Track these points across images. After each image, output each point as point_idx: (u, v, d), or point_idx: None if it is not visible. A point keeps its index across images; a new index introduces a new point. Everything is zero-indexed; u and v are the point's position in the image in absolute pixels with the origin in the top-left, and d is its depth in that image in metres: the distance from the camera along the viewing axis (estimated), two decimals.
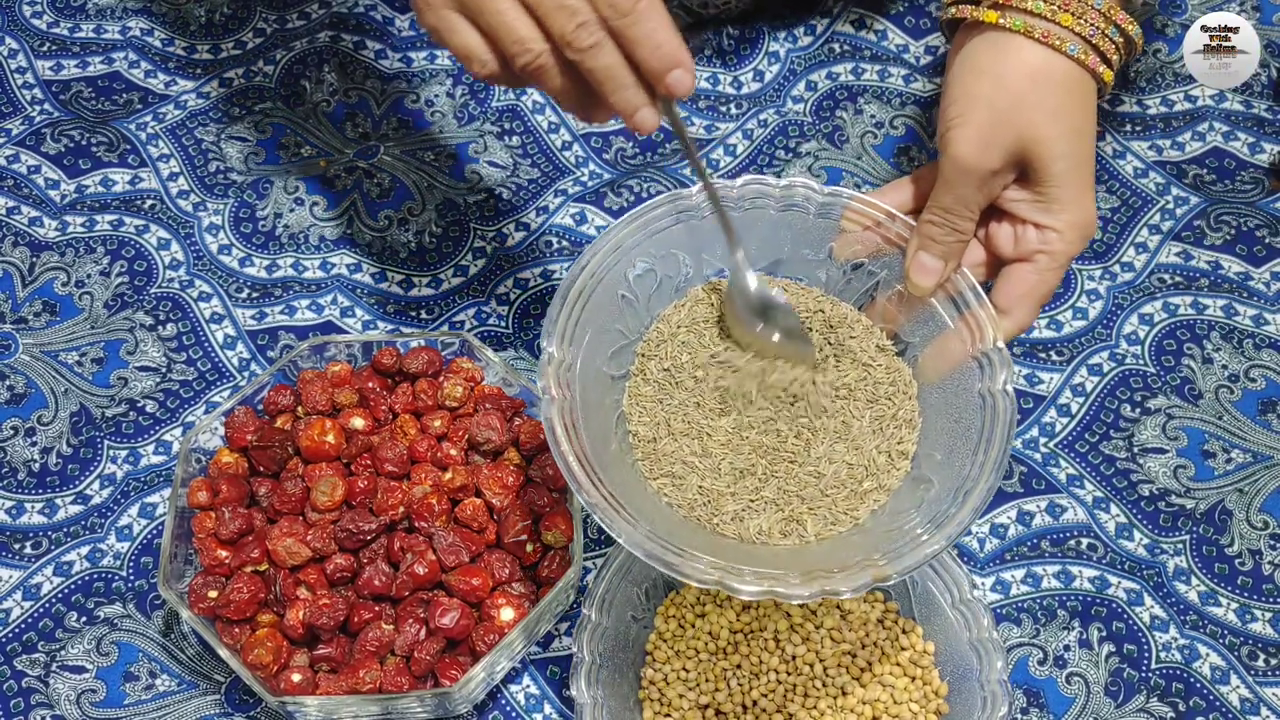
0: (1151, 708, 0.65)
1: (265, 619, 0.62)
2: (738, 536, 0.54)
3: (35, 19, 0.92)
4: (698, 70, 0.90)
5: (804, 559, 0.52)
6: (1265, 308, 0.78)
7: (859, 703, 0.61)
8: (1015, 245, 0.57)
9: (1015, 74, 0.54)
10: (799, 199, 0.60)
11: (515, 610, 0.62)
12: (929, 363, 0.58)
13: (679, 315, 0.60)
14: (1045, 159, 0.54)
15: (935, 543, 0.50)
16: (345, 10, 0.92)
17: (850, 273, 0.61)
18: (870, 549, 0.51)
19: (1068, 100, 0.55)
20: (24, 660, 0.66)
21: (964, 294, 0.57)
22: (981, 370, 0.55)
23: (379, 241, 0.82)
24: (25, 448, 0.73)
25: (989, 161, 0.54)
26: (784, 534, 0.54)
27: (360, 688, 0.59)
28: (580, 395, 0.54)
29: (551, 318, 0.55)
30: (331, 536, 0.63)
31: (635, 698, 0.63)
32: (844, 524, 0.54)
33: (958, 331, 0.57)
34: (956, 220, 0.56)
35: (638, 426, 0.57)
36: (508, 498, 0.65)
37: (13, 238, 0.82)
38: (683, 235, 0.60)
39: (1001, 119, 0.54)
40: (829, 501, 0.55)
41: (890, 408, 0.57)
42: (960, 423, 0.55)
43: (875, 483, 0.55)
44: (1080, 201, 0.56)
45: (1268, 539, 0.70)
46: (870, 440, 0.56)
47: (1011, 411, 0.53)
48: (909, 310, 0.58)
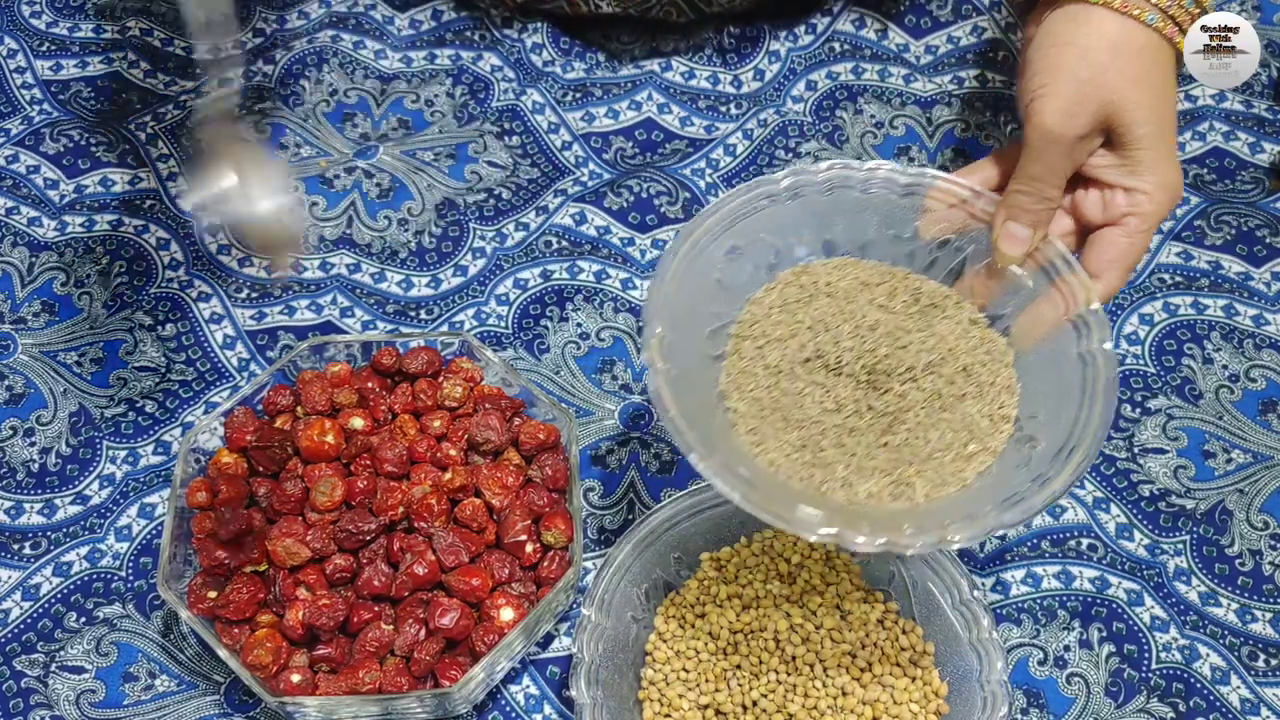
0: (1152, 708, 0.65)
1: (265, 619, 0.62)
2: (848, 500, 0.56)
3: (34, 19, 0.92)
4: (699, 69, 0.90)
5: (914, 519, 0.54)
6: (1266, 308, 0.78)
7: (859, 703, 0.61)
8: (1104, 210, 0.59)
9: (1097, 44, 0.56)
10: (883, 182, 0.62)
11: (515, 610, 0.62)
12: (1023, 330, 0.60)
13: (770, 298, 0.62)
14: (1130, 123, 0.56)
15: (1046, 494, 0.52)
16: (345, 10, 0.92)
17: (937, 250, 0.62)
18: (980, 504, 0.54)
19: (1149, 67, 0.57)
20: (23, 661, 0.66)
21: (1054, 262, 0.59)
22: (1079, 333, 0.57)
23: (379, 241, 0.82)
24: (24, 448, 0.73)
25: (1075, 128, 0.56)
26: (894, 497, 0.56)
27: (360, 688, 0.59)
28: (679, 370, 0.57)
29: (650, 295, 0.58)
30: (331, 537, 0.63)
31: (635, 698, 0.63)
32: (952, 485, 0.56)
33: (1050, 298, 0.59)
34: (1044, 188, 0.57)
35: (737, 404, 0.59)
36: (507, 498, 0.65)
37: (12, 238, 0.82)
38: (771, 218, 0.62)
39: (1086, 87, 0.56)
40: (936, 464, 0.57)
41: (988, 375, 0.59)
42: (1061, 384, 0.57)
43: (980, 445, 0.57)
44: (1166, 163, 0.58)
45: (1268, 539, 0.70)
46: (971, 405, 0.58)
47: (1113, 368, 0.55)
48: (998, 282, 0.60)
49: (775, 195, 0.62)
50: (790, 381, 0.59)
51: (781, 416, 0.58)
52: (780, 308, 0.62)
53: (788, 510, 0.52)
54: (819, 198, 0.62)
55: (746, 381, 0.60)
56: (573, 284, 0.80)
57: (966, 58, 0.90)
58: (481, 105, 0.88)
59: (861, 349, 0.59)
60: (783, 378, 0.59)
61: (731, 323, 0.62)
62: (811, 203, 0.62)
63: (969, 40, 0.90)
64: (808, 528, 0.52)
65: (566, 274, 0.80)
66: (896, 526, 0.53)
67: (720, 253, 0.61)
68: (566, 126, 0.87)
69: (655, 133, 0.87)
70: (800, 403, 0.58)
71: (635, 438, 0.74)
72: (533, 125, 0.87)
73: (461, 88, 0.89)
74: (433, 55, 0.91)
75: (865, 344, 0.59)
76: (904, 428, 0.57)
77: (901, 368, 0.59)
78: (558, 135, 0.87)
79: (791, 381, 0.59)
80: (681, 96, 0.89)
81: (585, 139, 0.87)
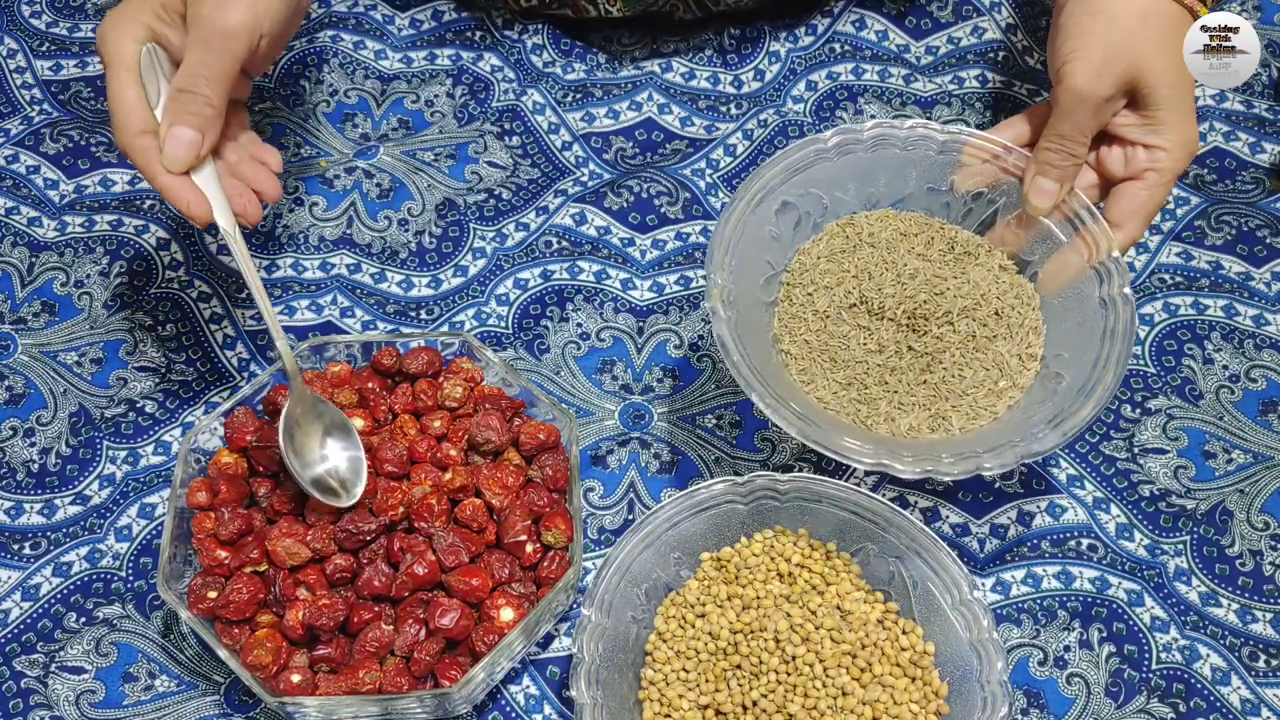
0: (1152, 708, 0.65)
1: (265, 619, 0.62)
2: (890, 433, 0.63)
3: (34, 19, 0.92)
4: (699, 69, 0.90)
5: (950, 449, 0.60)
6: (1266, 308, 0.78)
7: (859, 703, 0.61)
8: (1126, 165, 0.64)
9: (1125, 12, 0.61)
10: (921, 138, 0.68)
11: (515, 610, 0.62)
12: (1049, 276, 0.65)
13: (818, 248, 0.69)
14: (1154, 85, 0.61)
15: (1075, 421, 0.58)
16: (345, 10, 0.92)
17: (971, 202, 0.69)
18: (1011, 434, 0.60)
19: (1173, 34, 0.61)
20: (23, 661, 0.66)
21: (1079, 213, 0.64)
22: (1101, 279, 0.63)
23: (379, 241, 0.82)
24: (24, 448, 0.73)
25: (1103, 89, 0.61)
26: (931, 429, 0.63)
27: (360, 688, 0.59)
28: (739, 316, 0.63)
29: (711, 249, 0.64)
30: (331, 537, 0.63)
31: (635, 698, 0.63)
32: (984, 418, 0.63)
33: (1075, 246, 0.64)
34: (1072, 145, 0.63)
35: (789, 346, 0.66)
36: (508, 498, 0.65)
37: (12, 238, 0.82)
38: (819, 174, 0.68)
39: (1114, 51, 0.60)
40: (970, 399, 0.63)
41: (1017, 317, 0.65)
42: (1084, 326, 0.63)
43: (1010, 381, 0.64)
44: (1185, 122, 0.62)
45: (1268, 539, 0.70)
46: (1002, 345, 0.64)
47: (1132, 311, 0.61)
48: (1027, 231, 0.66)
49: (824, 152, 0.68)
50: (837, 325, 0.66)
51: (830, 357, 0.65)
52: (827, 257, 0.68)
53: (837, 441, 0.59)
54: (863, 154, 0.68)
55: (797, 326, 0.66)
56: (573, 284, 0.80)
57: (967, 58, 0.90)
58: (482, 105, 0.88)
59: (902, 295, 0.65)
60: (830, 322, 0.66)
61: (783, 271, 0.68)
62: (856, 159, 0.68)
63: (969, 40, 0.90)
64: (856, 457, 0.58)
65: (567, 274, 0.80)
66: (936, 456, 0.59)
67: (773, 209, 0.67)
68: (566, 127, 0.87)
69: (655, 133, 0.87)
70: (846, 344, 0.65)
71: (635, 438, 0.74)
72: (533, 125, 0.87)
73: (462, 88, 0.89)
74: (433, 55, 0.91)
75: (906, 290, 0.65)
76: (941, 367, 0.64)
77: (939, 312, 0.65)
78: (558, 135, 0.87)
79: (838, 325, 0.66)
80: (682, 97, 0.89)
81: (585, 139, 0.87)
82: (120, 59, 0.61)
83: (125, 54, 0.61)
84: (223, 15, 0.60)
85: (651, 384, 0.76)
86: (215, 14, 0.60)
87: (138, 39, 0.62)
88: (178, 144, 0.61)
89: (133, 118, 0.61)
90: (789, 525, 0.67)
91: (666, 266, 0.81)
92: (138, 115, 0.61)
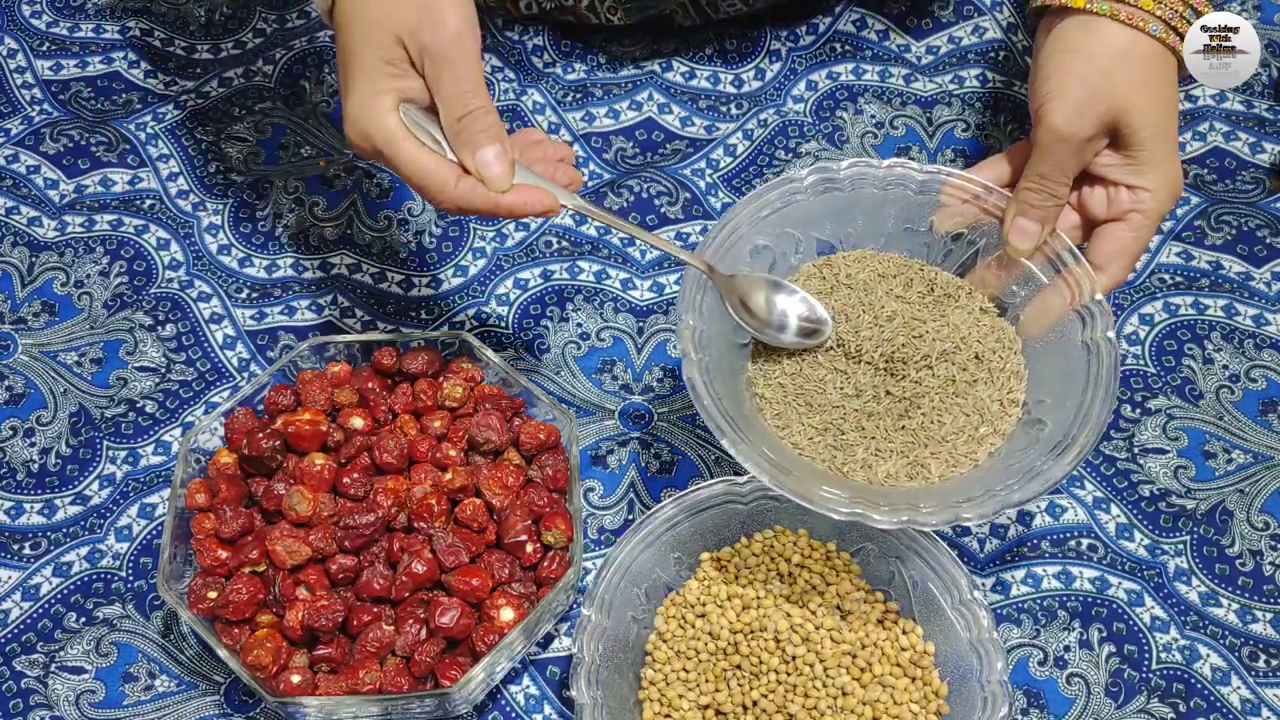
0: (1152, 709, 0.65)
1: (265, 619, 0.62)
2: (867, 480, 0.60)
3: (34, 19, 0.92)
4: (699, 69, 0.90)
5: (928, 498, 0.58)
6: (1266, 308, 0.78)
7: (859, 703, 0.61)
8: (1109, 206, 0.62)
9: (1104, 51, 0.60)
10: (900, 178, 0.66)
11: (515, 610, 0.62)
12: (1031, 319, 0.64)
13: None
14: (1135, 125, 0.60)
15: (1057, 470, 0.56)
16: None
17: (951, 243, 0.66)
18: (991, 483, 0.58)
19: (1153, 73, 0.60)
20: (23, 661, 0.66)
21: (1061, 255, 0.63)
22: (1084, 322, 0.61)
23: (379, 241, 0.82)
24: (24, 448, 0.73)
25: (1083, 130, 0.59)
26: (910, 477, 0.60)
27: (360, 688, 0.59)
28: (710, 358, 0.61)
29: (684, 290, 0.62)
30: (332, 536, 0.63)
31: (635, 698, 0.63)
32: (964, 465, 0.61)
33: (1057, 289, 0.63)
34: (1053, 186, 0.61)
35: (763, 389, 0.64)
36: (508, 498, 0.65)
37: (12, 238, 0.82)
38: (795, 214, 0.66)
39: (1094, 91, 0.59)
40: (950, 446, 0.61)
41: (997, 362, 0.63)
42: (1067, 370, 0.61)
43: (990, 428, 0.61)
44: (1168, 162, 0.61)
45: (1268, 540, 0.70)
46: (983, 390, 0.62)
47: (1115, 355, 0.59)
48: (1008, 273, 0.64)
49: (799, 191, 0.65)
50: (813, 369, 0.63)
51: (805, 402, 0.62)
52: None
53: (813, 491, 0.56)
54: (840, 194, 0.66)
55: (772, 369, 0.64)
56: (573, 284, 0.80)
57: (967, 57, 0.90)
58: None
59: (880, 338, 0.63)
60: (805, 365, 0.63)
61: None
62: (833, 198, 0.66)
63: (970, 40, 0.90)
64: (832, 507, 0.56)
65: (567, 274, 0.80)
66: (914, 505, 0.56)
67: (746, 249, 0.65)
68: (567, 126, 0.87)
69: (656, 133, 0.87)
70: (822, 388, 0.63)
71: (635, 438, 0.74)
72: (533, 125, 0.87)
73: None
74: None
75: (884, 333, 0.63)
76: (919, 412, 0.61)
77: (918, 355, 0.63)
78: (558, 135, 0.87)
79: (814, 369, 0.63)
80: (682, 96, 0.89)
81: (586, 139, 0.87)
82: (392, 136, 0.58)
83: (391, 128, 0.58)
84: (443, 29, 0.57)
85: (651, 384, 0.76)
86: (436, 33, 0.57)
87: (391, 109, 0.58)
88: (490, 165, 0.58)
89: (439, 174, 0.58)
90: (789, 525, 0.67)
91: (666, 266, 0.81)
92: (442, 169, 0.58)
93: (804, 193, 0.65)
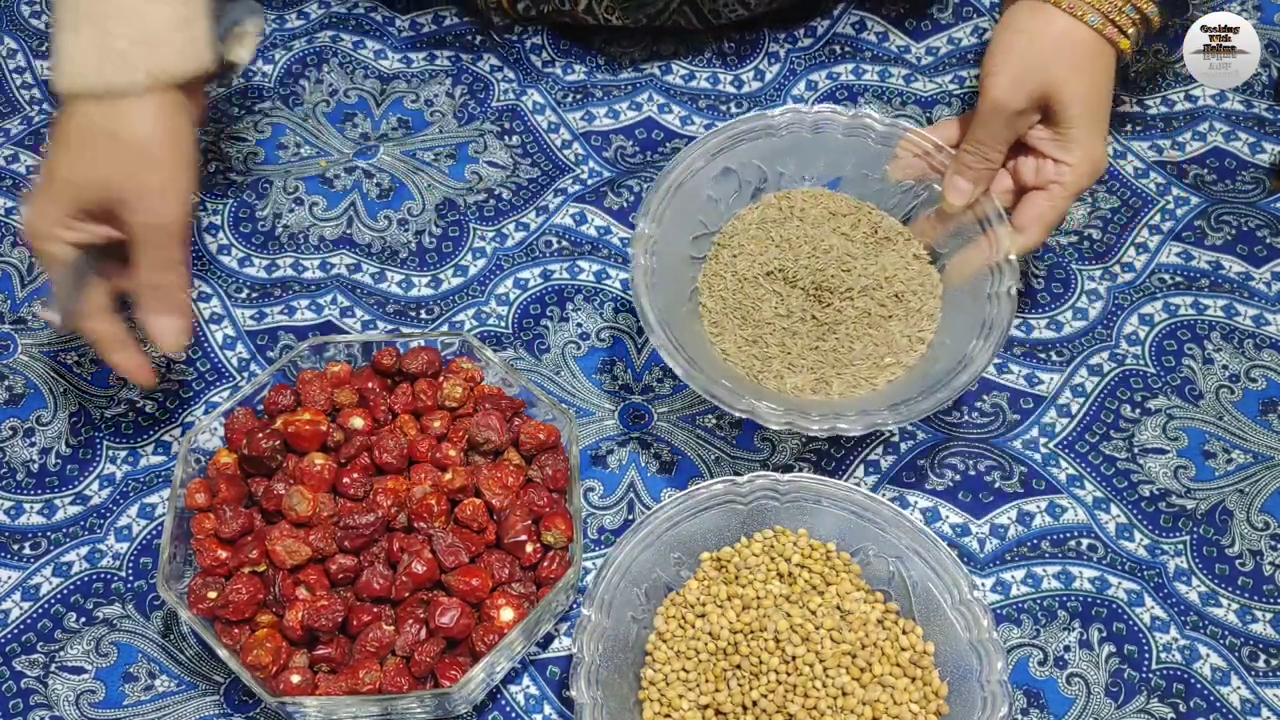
0: (1152, 709, 0.65)
1: (265, 619, 0.62)
2: (777, 389, 0.68)
3: (34, 19, 0.92)
4: (698, 70, 0.90)
5: (822, 409, 0.66)
6: (1266, 308, 0.78)
7: (859, 703, 0.61)
8: (1035, 175, 0.68)
9: (1045, 34, 0.65)
10: (862, 127, 0.72)
11: (515, 610, 0.62)
12: (954, 269, 0.70)
13: (752, 215, 0.74)
14: (1064, 103, 0.65)
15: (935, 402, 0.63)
16: (344, 10, 0.92)
17: (900, 192, 0.73)
18: (881, 404, 0.64)
19: (1087, 59, 0.65)
20: (23, 661, 0.66)
21: (988, 215, 0.69)
22: (993, 276, 0.67)
23: (379, 241, 0.82)
24: (24, 448, 0.73)
25: (1017, 102, 0.65)
26: (814, 391, 0.68)
27: (360, 688, 0.59)
28: (660, 265, 0.68)
29: (647, 200, 0.70)
30: (332, 536, 0.63)
31: (635, 698, 0.63)
32: (864, 388, 0.68)
33: (979, 245, 0.69)
34: (987, 150, 0.67)
35: (707, 300, 0.72)
36: (508, 498, 0.65)
37: (11, 238, 0.82)
38: (764, 147, 0.73)
39: (1030, 68, 0.65)
40: (854, 370, 0.68)
41: (917, 302, 0.70)
42: (970, 317, 0.67)
43: (895, 359, 0.69)
44: (1092, 142, 0.66)
45: (1268, 539, 0.70)
46: (895, 325, 0.69)
47: (1011, 309, 0.65)
48: (944, 226, 0.71)
49: (771, 128, 0.73)
50: (754, 288, 0.71)
51: (741, 316, 0.70)
52: (758, 225, 0.73)
53: (716, 386, 0.64)
54: (807, 135, 0.73)
55: (718, 283, 0.72)
56: (573, 284, 0.80)
57: (967, 58, 0.90)
58: (481, 105, 0.88)
59: (814, 267, 0.71)
60: (747, 284, 0.71)
61: (716, 231, 0.73)
62: (800, 138, 0.73)
63: (970, 41, 0.90)
64: (729, 400, 0.63)
65: (567, 274, 0.80)
66: (805, 413, 0.64)
67: (715, 172, 0.72)
68: (566, 126, 0.87)
69: (655, 131, 0.87)
70: (758, 306, 0.70)
71: (635, 438, 0.74)
72: (532, 124, 0.87)
73: (461, 88, 0.89)
74: (432, 55, 0.90)
75: (817, 264, 0.71)
76: (834, 337, 0.69)
77: (843, 287, 0.70)
78: (557, 134, 0.87)
79: (755, 288, 0.71)
80: (681, 97, 0.89)
81: (585, 137, 0.87)
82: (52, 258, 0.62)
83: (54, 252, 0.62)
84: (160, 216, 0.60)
85: (651, 384, 0.76)
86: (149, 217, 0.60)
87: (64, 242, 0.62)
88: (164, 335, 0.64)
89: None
90: (789, 525, 0.67)
91: None
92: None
93: (776, 130, 0.72)
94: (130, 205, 0.59)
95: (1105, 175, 0.78)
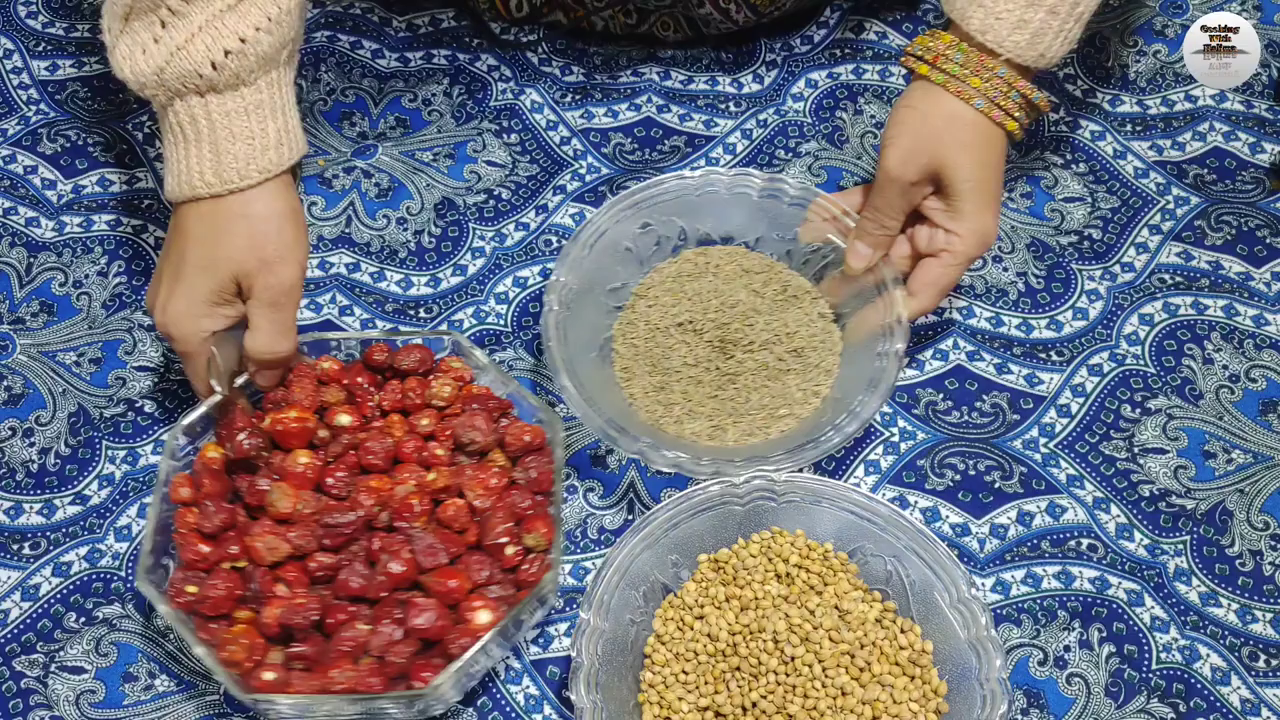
0: (1152, 709, 0.65)
1: (242, 615, 0.61)
2: (677, 434, 0.71)
3: (30, 19, 0.92)
4: (697, 73, 0.90)
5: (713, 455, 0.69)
6: (1266, 308, 0.78)
7: (859, 703, 0.61)
8: (929, 243, 0.71)
9: (936, 113, 0.68)
10: (777, 190, 0.76)
11: (493, 613, 0.61)
12: (853, 328, 0.74)
13: (670, 269, 0.77)
14: (953, 178, 0.68)
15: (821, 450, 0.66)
16: (341, 10, 0.92)
17: (809, 253, 0.77)
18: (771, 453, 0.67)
19: (975, 138, 0.68)
20: (23, 661, 0.66)
21: (885, 279, 0.72)
22: (886, 337, 0.70)
23: (377, 241, 0.82)
24: (23, 448, 0.73)
25: (909, 174, 0.68)
26: (709, 438, 0.71)
27: (332, 687, 0.59)
28: (577, 312, 0.72)
29: (566, 249, 0.73)
30: (312, 534, 0.62)
31: (634, 701, 0.63)
32: (757, 437, 0.71)
33: (876, 306, 0.72)
34: (884, 218, 0.71)
35: (620, 346, 0.75)
36: (490, 499, 0.65)
37: (9, 238, 0.81)
38: (683, 206, 0.77)
39: (922, 143, 0.68)
40: (750, 419, 0.71)
41: (816, 358, 0.74)
42: (862, 374, 0.71)
43: (789, 411, 0.72)
44: (980, 215, 0.69)
45: (1268, 540, 0.70)
46: (792, 379, 0.73)
47: (897, 369, 0.69)
48: (846, 287, 0.75)
49: (688, 188, 0.76)
50: (665, 337, 0.74)
51: (651, 363, 0.74)
52: (674, 278, 0.77)
53: (612, 429, 0.66)
54: (724, 195, 0.77)
55: (631, 331, 0.75)
56: None
57: None
58: (479, 105, 0.88)
59: (720, 320, 0.74)
60: (659, 333, 0.75)
61: (634, 283, 0.77)
62: (717, 198, 0.77)
63: None
64: (626, 442, 0.66)
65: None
66: (696, 458, 0.66)
67: (635, 227, 0.76)
68: (565, 124, 0.87)
69: (655, 129, 0.87)
70: (668, 355, 0.74)
71: None
72: (531, 122, 0.87)
73: (459, 87, 0.89)
74: (430, 55, 0.90)
75: (723, 317, 0.75)
76: (733, 386, 0.72)
77: (745, 340, 0.74)
78: (556, 132, 0.87)
79: (666, 338, 0.74)
80: (680, 97, 0.88)
81: (584, 134, 0.87)
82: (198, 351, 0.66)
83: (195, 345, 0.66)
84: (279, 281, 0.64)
85: None
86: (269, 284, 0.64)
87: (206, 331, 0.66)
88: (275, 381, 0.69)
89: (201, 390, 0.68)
90: (786, 526, 0.67)
91: None
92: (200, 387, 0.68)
93: (691, 189, 0.76)
94: (257, 273, 0.64)
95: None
